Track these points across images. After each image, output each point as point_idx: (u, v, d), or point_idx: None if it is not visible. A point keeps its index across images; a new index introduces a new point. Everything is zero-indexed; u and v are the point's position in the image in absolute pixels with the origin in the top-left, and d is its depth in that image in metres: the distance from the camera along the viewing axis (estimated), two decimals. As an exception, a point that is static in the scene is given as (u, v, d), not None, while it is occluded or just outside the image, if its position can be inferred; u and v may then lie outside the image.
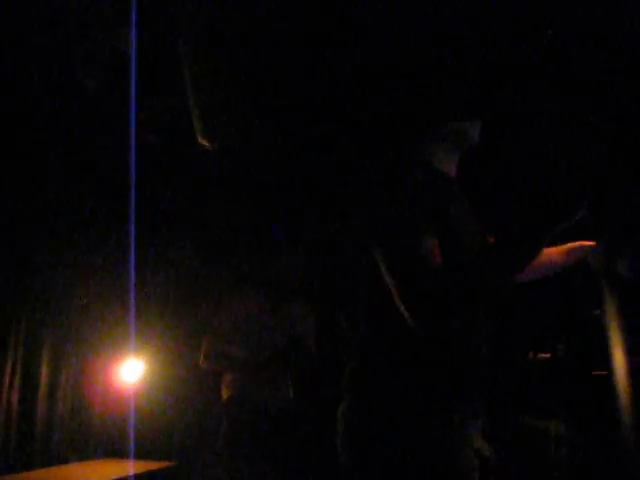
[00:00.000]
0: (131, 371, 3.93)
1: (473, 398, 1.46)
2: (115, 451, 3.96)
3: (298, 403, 3.31)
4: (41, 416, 3.65)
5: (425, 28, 2.86)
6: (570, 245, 1.84)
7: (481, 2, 2.76)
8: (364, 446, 1.42)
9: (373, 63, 2.95)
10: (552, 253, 1.83)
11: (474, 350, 1.47)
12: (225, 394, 3.25)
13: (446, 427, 1.40)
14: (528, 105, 3.21)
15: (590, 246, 1.81)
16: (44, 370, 3.71)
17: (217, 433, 3.25)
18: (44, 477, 3.37)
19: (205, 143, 3.39)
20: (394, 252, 1.37)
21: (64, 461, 3.75)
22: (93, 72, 3.51)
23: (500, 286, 1.36)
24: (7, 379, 3.49)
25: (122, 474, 3.31)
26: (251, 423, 3.15)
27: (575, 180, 1.28)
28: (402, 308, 1.33)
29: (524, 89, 3.10)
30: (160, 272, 4.26)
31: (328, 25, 2.94)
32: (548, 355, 2.39)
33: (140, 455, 3.75)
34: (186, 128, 3.69)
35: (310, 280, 3.62)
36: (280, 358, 3.23)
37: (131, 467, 3.44)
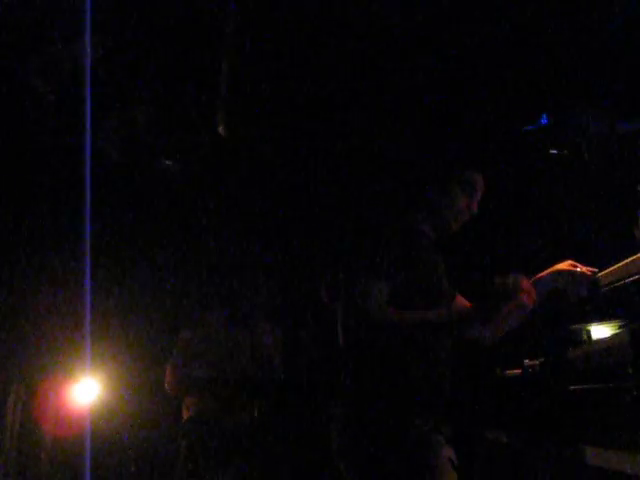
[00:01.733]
0: (86, 392, 3.75)
1: (435, 411, 1.56)
2: (69, 478, 3.77)
3: (262, 424, 3.20)
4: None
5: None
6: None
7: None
8: (367, 457, 1.50)
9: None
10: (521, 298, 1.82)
11: (436, 365, 1.59)
12: (185, 415, 3.12)
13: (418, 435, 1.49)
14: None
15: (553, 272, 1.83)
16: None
17: (176, 458, 3.12)
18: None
19: (224, 133, 3.41)
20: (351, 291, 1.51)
21: (14, 490, 3.56)
22: (51, 82, 3.43)
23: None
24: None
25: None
26: (212, 446, 3.02)
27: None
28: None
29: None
30: (119, 289, 4.11)
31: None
32: (519, 371, 2.35)
33: (95, 481, 3.58)
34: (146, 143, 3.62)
35: (274, 297, 3.54)
36: (245, 377, 3.13)
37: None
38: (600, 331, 1.91)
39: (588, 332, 1.91)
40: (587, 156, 3.49)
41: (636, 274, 2.48)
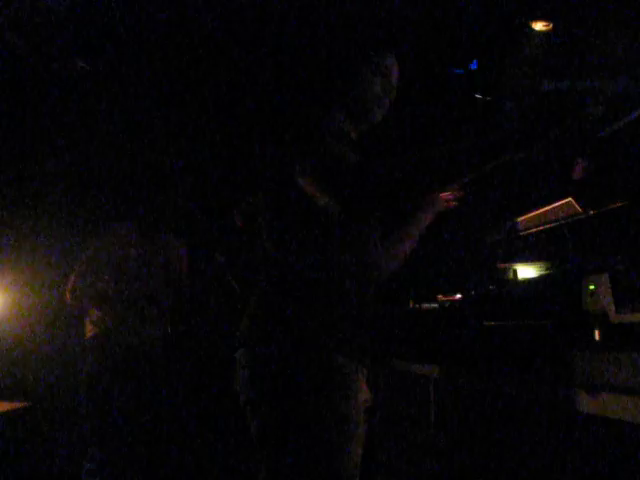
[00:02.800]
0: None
1: (358, 343, 1.49)
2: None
3: (169, 342, 3.15)
4: None
5: None
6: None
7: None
8: (267, 388, 1.42)
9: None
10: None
11: (358, 294, 1.51)
12: (90, 331, 3.01)
13: (332, 373, 1.42)
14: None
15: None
16: None
17: (78, 373, 3.03)
18: None
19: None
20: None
21: None
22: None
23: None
24: None
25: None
26: (118, 363, 2.94)
27: None
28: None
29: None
30: (23, 199, 3.84)
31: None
32: (435, 305, 2.43)
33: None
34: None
35: (187, 215, 3.42)
36: (152, 293, 3.05)
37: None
38: (526, 271, 1.99)
39: (515, 271, 2.00)
40: (508, 105, 3.57)
41: (554, 221, 2.62)
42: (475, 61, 3.83)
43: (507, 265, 1.98)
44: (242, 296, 3.24)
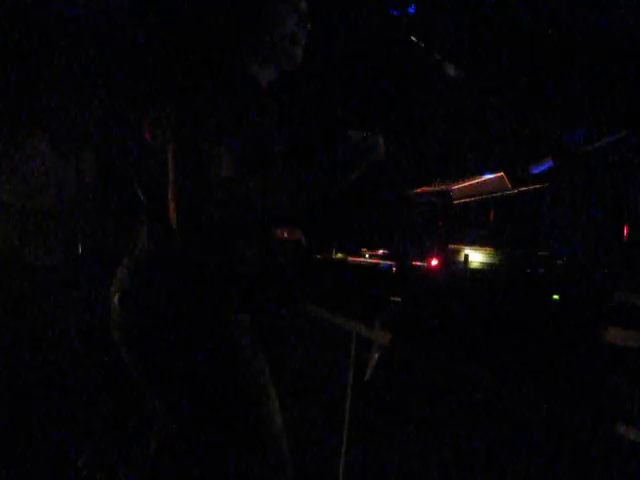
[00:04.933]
0: None
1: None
2: None
3: (69, 262, 2.92)
4: None
5: None
6: None
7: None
8: (145, 340, 1.33)
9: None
10: None
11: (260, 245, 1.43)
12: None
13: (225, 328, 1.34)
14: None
15: None
16: None
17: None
18: None
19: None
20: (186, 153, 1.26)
21: None
22: None
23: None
24: None
25: None
26: (13, 283, 2.71)
27: None
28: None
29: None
30: None
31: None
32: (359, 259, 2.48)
33: None
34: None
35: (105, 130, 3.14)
36: (61, 210, 2.80)
37: None
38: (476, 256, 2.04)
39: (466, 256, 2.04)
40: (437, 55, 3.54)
41: (489, 192, 2.70)
42: (413, 5, 3.78)
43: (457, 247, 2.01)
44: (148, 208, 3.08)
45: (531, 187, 2.44)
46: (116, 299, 1.38)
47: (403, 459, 2.04)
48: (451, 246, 2.06)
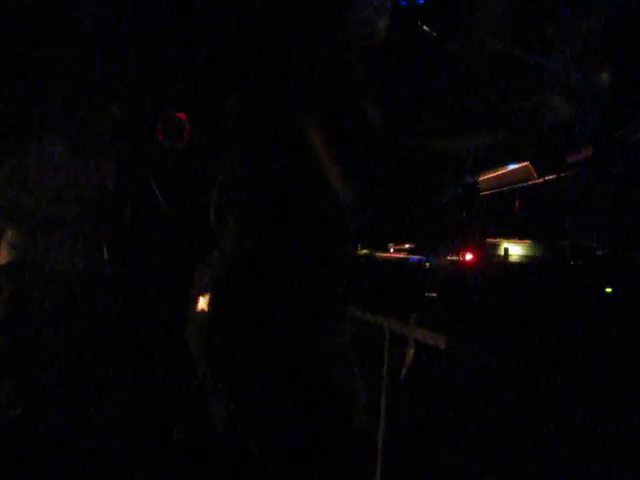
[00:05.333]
0: None
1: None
2: None
3: (94, 271, 2.88)
4: None
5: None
6: None
7: None
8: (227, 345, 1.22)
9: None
10: None
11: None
12: (5, 257, 2.68)
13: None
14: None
15: None
16: None
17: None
18: None
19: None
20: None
21: None
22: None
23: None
24: None
25: None
26: (37, 294, 2.65)
27: None
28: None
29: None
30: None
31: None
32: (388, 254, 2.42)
33: None
34: None
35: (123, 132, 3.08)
36: (81, 218, 2.75)
37: None
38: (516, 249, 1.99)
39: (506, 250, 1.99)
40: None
41: (513, 183, 2.64)
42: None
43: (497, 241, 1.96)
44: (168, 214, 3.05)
45: (564, 175, 2.39)
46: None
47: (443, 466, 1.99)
48: (489, 240, 2.00)
